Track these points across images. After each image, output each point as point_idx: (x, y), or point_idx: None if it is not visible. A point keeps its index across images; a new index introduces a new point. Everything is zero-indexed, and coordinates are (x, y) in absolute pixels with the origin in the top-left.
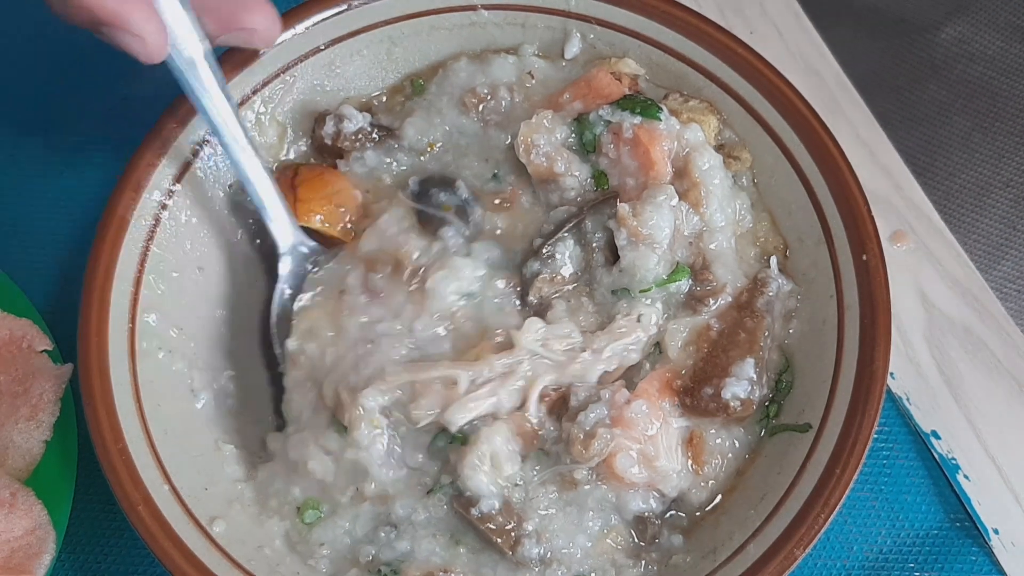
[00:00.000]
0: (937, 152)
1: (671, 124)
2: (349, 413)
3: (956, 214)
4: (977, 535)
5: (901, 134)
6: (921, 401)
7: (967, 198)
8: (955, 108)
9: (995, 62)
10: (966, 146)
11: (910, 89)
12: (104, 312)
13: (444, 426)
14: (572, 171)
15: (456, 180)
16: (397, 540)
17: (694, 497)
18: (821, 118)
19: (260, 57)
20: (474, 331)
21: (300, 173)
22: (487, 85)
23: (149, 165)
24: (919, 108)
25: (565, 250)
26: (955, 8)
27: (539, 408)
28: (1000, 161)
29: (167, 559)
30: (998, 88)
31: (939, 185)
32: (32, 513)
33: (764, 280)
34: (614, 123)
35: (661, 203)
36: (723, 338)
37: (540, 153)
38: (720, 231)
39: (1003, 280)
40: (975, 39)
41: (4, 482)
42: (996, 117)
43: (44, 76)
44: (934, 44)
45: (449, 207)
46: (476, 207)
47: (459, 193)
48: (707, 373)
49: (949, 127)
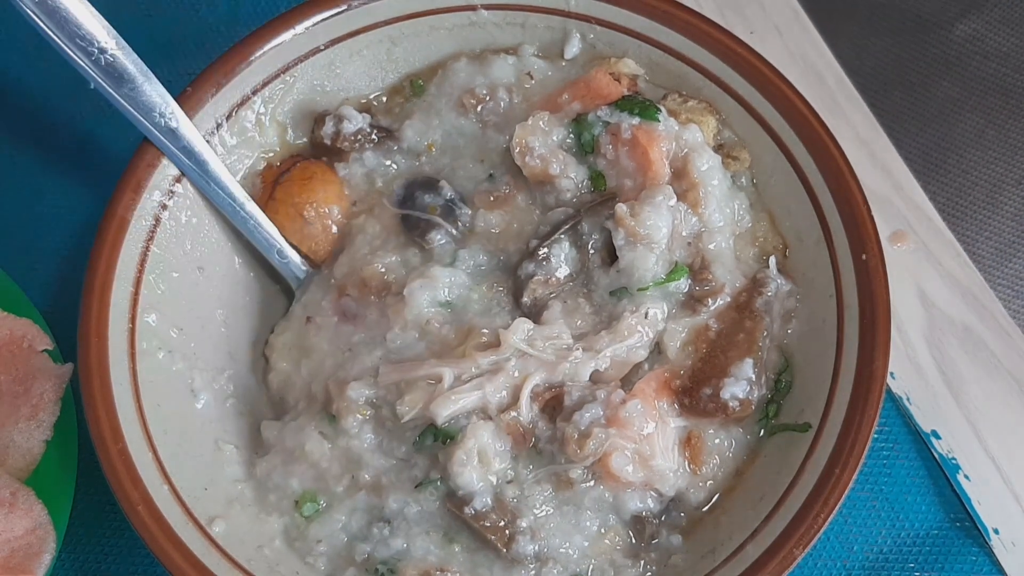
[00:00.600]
0: (950, 149)
1: (670, 125)
2: (337, 404)
3: (969, 211)
4: (977, 535)
5: (913, 131)
6: (921, 401)
7: (979, 195)
8: (968, 105)
9: (1009, 59)
10: (979, 143)
11: (923, 86)
12: (104, 312)
13: (430, 422)
14: (568, 173)
15: (439, 181)
16: (392, 537)
17: (692, 497)
18: (821, 118)
19: (259, 57)
20: (452, 334)
21: (291, 171)
22: (486, 86)
23: (149, 165)
24: (932, 105)
25: (560, 252)
26: (969, 5)
27: (531, 407)
28: (1013, 158)
29: (167, 559)
30: (1012, 85)
31: (951, 182)
32: (32, 513)
33: (763, 280)
34: (612, 124)
35: (659, 203)
36: (722, 338)
37: (535, 155)
38: (719, 231)
39: (1014, 277)
40: (989, 36)
41: (4, 482)
42: (1009, 114)
43: (44, 77)
44: (948, 41)
45: (435, 208)
46: (463, 206)
47: (443, 193)
48: (706, 373)
49: (962, 124)
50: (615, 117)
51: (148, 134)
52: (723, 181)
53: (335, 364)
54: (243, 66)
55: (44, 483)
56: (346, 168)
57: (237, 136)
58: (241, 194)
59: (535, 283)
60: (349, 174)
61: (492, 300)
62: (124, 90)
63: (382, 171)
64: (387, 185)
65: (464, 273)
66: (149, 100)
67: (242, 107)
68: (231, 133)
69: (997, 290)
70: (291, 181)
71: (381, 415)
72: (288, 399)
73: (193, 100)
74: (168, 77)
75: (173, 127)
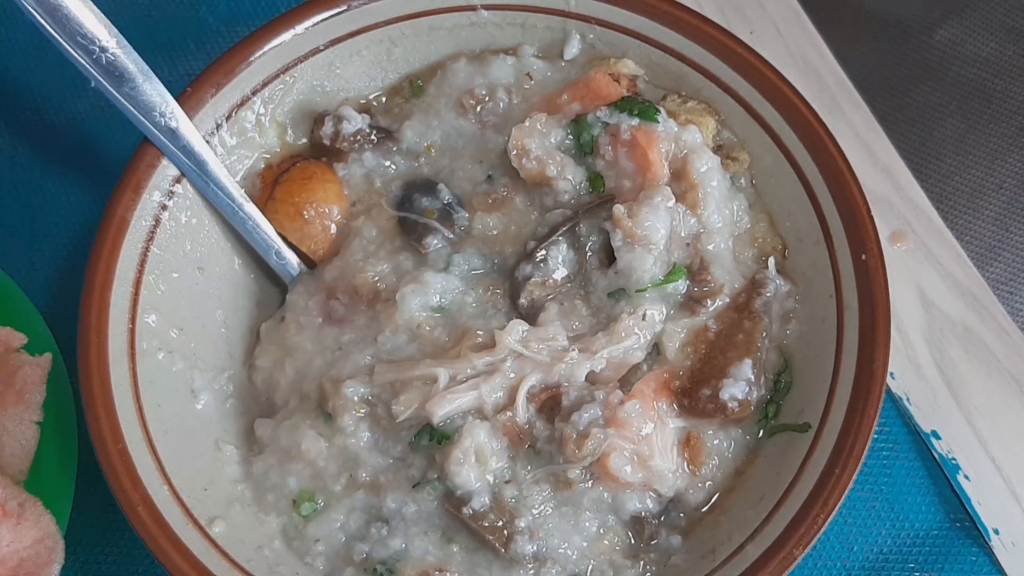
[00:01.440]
0: (931, 154)
1: (669, 126)
2: (333, 402)
3: (950, 216)
4: (977, 535)
5: (896, 135)
6: (921, 401)
7: (961, 199)
8: (949, 110)
9: (989, 64)
10: (960, 148)
11: (905, 91)
12: (104, 313)
13: (426, 422)
14: (566, 174)
15: (437, 184)
16: (390, 537)
17: (691, 498)
18: (821, 118)
19: (259, 58)
20: (446, 337)
21: (290, 171)
22: (485, 86)
23: (149, 166)
24: (914, 110)
25: (558, 254)
26: (950, 10)
27: (527, 408)
28: (994, 163)
29: (167, 560)
30: (992, 90)
31: (934, 187)
32: (41, 523)
33: (762, 281)
34: (612, 125)
35: (657, 204)
36: (721, 339)
37: (532, 158)
38: (717, 232)
39: (996, 281)
40: (970, 41)
41: (12, 493)
42: (991, 119)
43: (44, 77)
44: (929, 46)
45: (432, 212)
46: (460, 210)
47: (441, 196)
48: (705, 374)
49: (944, 129)
50: (614, 118)
51: (148, 133)
52: (722, 182)
53: (325, 363)
54: (243, 66)
55: (44, 485)
56: (345, 168)
57: (237, 136)
58: (240, 195)
59: (532, 285)
60: (348, 174)
61: (488, 303)
62: (125, 89)
63: (381, 172)
64: (386, 186)
65: (457, 278)
66: (149, 100)
67: (242, 107)
68: (231, 133)
69: None
70: (291, 181)
71: (376, 413)
72: (275, 398)
73: (193, 100)
74: (168, 77)
75: (173, 127)
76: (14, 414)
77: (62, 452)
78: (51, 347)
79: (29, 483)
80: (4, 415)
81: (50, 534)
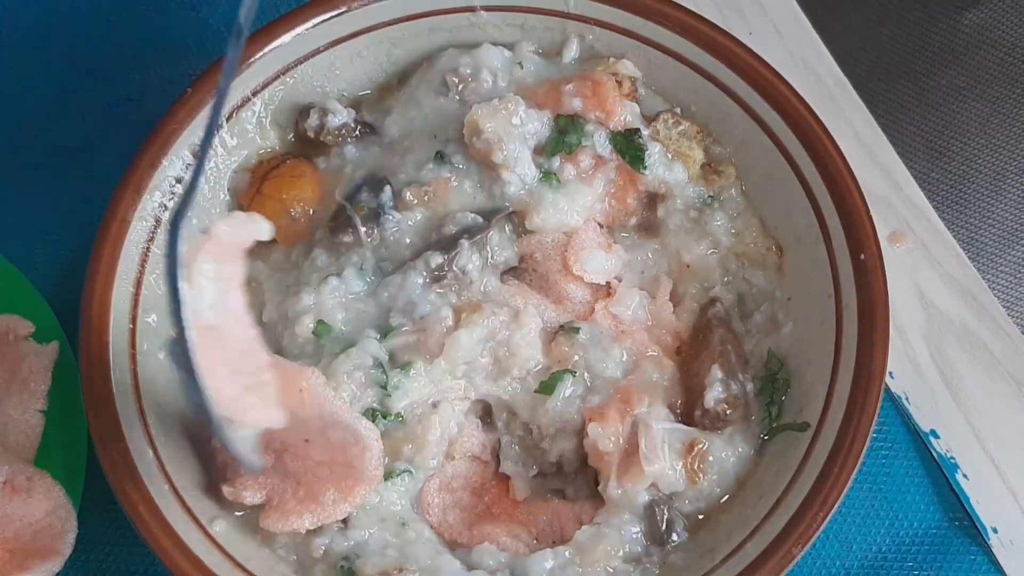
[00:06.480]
0: (954, 136)
1: (656, 173)
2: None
3: (972, 199)
4: (976, 534)
5: (918, 118)
6: (920, 400)
7: (983, 182)
8: (973, 94)
9: (1016, 48)
10: (984, 131)
11: (928, 74)
12: (105, 313)
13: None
14: (515, 167)
15: (387, 184)
16: (350, 528)
17: (691, 508)
18: (819, 118)
19: (260, 58)
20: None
21: (280, 167)
22: (471, 66)
23: (150, 166)
24: (936, 93)
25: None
26: None
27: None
28: (1017, 147)
29: (168, 559)
30: (1018, 74)
31: (955, 169)
32: (51, 495)
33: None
34: (602, 156)
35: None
36: (690, 360)
37: (482, 138)
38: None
39: (1017, 264)
40: (997, 26)
41: (19, 468)
42: (1015, 103)
43: (45, 76)
44: (956, 30)
45: (363, 208)
46: (393, 213)
47: (381, 197)
48: (693, 396)
49: (967, 112)
50: (607, 149)
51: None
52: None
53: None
54: (243, 67)
55: (51, 471)
56: (326, 161)
57: (238, 137)
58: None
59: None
60: (328, 167)
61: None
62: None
63: (359, 164)
64: (351, 175)
65: (337, 293)
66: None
67: (242, 108)
68: (231, 134)
69: (999, 277)
70: (280, 177)
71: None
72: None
73: (193, 101)
74: (168, 77)
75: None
76: (19, 402)
77: (69, 439)
78: (59, 335)
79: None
80: (9, 403)
81: (61, 504)
